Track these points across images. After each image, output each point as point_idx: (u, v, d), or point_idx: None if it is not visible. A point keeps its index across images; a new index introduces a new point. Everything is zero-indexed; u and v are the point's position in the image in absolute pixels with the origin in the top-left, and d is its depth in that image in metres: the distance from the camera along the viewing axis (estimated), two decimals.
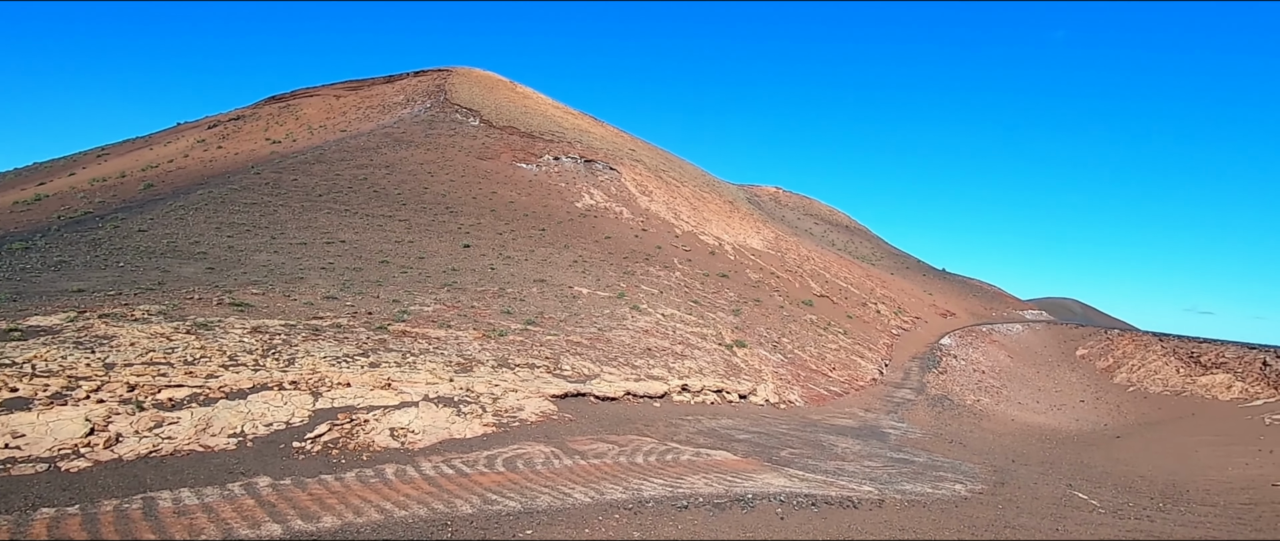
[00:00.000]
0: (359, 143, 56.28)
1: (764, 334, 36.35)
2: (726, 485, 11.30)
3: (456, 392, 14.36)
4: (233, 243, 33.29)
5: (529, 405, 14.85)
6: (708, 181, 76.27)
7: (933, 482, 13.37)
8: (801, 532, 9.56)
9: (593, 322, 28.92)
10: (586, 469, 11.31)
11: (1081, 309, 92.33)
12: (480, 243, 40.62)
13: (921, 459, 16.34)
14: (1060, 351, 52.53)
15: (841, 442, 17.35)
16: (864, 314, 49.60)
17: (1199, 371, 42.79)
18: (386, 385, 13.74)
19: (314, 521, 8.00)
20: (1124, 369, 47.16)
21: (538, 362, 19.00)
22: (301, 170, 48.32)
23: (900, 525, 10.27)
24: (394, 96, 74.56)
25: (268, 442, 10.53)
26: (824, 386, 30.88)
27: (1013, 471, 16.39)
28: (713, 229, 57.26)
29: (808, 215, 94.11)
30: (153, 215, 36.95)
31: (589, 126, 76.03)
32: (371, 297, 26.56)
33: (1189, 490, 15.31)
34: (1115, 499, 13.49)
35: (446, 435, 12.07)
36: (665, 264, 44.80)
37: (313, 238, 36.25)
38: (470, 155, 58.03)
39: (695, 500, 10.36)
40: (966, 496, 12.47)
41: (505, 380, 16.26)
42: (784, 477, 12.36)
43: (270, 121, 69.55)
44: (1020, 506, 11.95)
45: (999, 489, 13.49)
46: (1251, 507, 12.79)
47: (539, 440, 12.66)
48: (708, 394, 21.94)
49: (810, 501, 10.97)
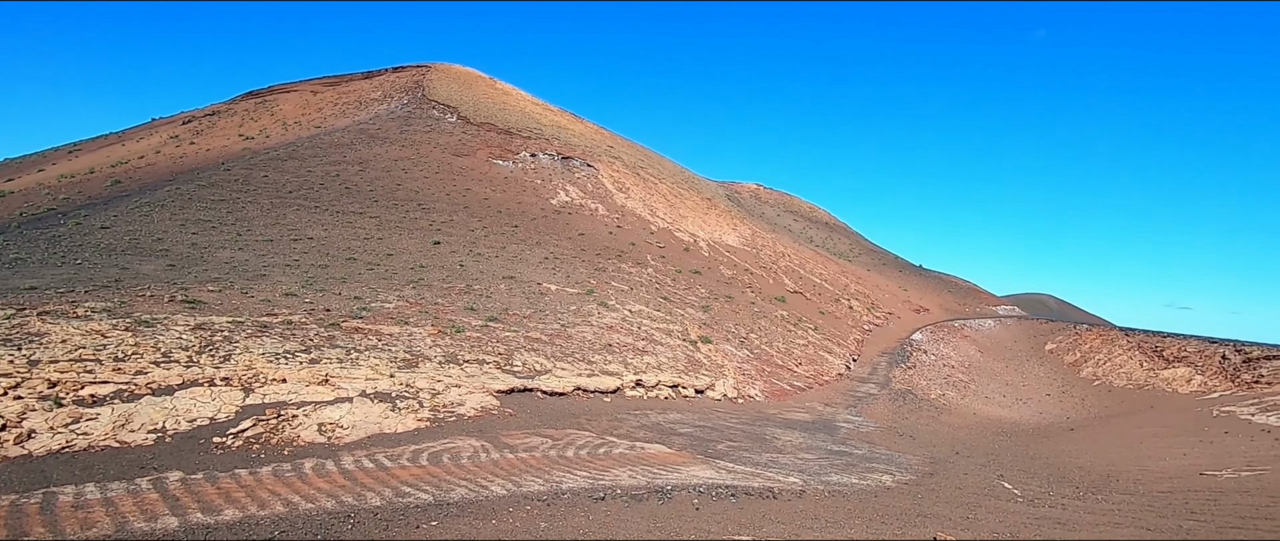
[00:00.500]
0: (333, 139, 55.95)
1: (732, 330, 36.58)
2: (650, 477, 11.47)
3: (396, 388, 14.43)
4: (197, 240, 33.08)
5: (470, 400, 14.94)
6: (687, 178, 76.44)
7: (862, 474, 13.60)
8: (713, 522, 9.73)
9: (557, 319, 29.02)
10: (512, 462, 11.44)
11: (1057, 304, 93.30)
12: (451, 239, 40.57)
13: (862, 451, 16.60)
14: (1030, 346, 53.18)
15: (786, 436, 17.57)
16: (836, 310, 49.98)
17: (1161, 365, 43.48)
18: (324, 381, 13.79)
19: (214, 514, 8.08)
20: (1090, 363, 47.84)
21: (489, 358, 19.08)
22: (273, 167, 48.02)
23: (814, 514, 10.47)
24: (371, 93, 74.16)
25: (188, 438, 10.58)
26: (788, 381, 31.16)
27: (951, 463, 16.67)
28: (688, 226, 57.44)
29: (788, 212, 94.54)
30: (116, 212, 36.63)
31: (568, 123, 75.96)
32: (333, 295, 26.51)
33: (1119, 479, 15.65)
34: (1040, 489, 13.78)
35: (377, 430, 12.15)
36: (638, 260, 44.93)
37: (280, 234, 36.08)
38: (446, 152, 57.86)
39: (614, 492, 10.51)
40: (891, 487, 12.71)
41: (450, 376, 16.35)
42: (712, 470, 12.55)
43: (245, 117, 68.98)
44: (940, 496, 12.20)
45: (927, 479, 13.75)
46: (1169, 495, 13.11)
47: (472, 435, 12.77)
48: (663, 389, 22.10)
49: (731, 492, 11.15)
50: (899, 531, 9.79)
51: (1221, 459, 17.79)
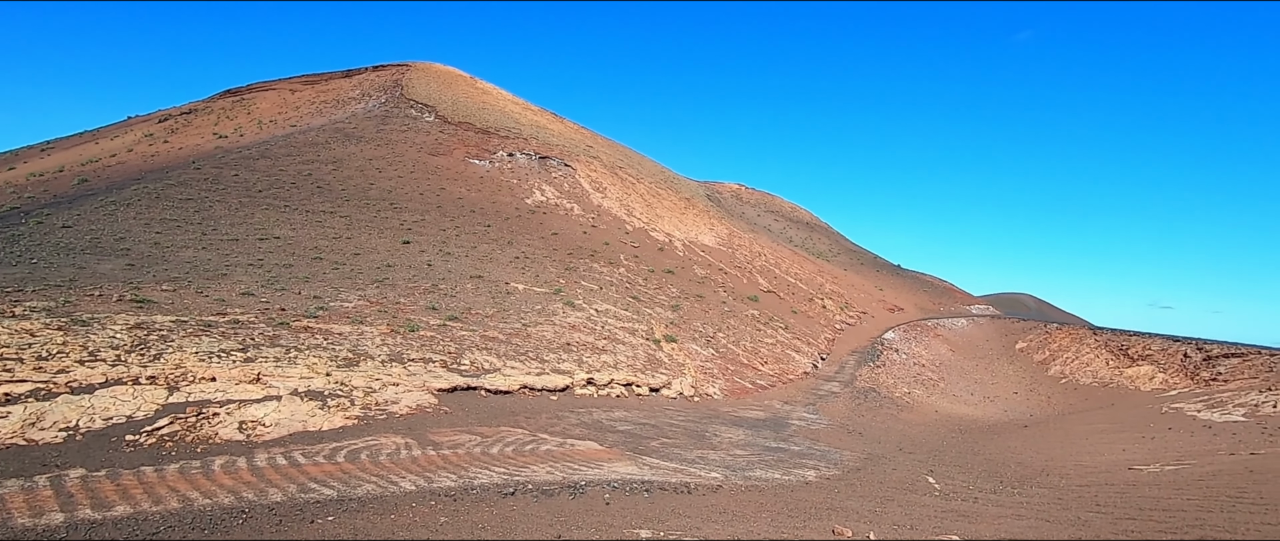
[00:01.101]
0: (307, 138, 55.73)
1: (700, 329, 36.78)
2: (568, 473, 11.61)
3: (330, 386, 14.50)
4: (160, 239, 32.91)
5: (406, 399, 15.03)
6: (667, 178, 76.63)
7: (788, 470, 13.80)
8: (619, 516, 9.88)
9: (519, 318, 29.10)
10: (432, 459, 11.55)
11: (1035, 304, 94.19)
12: (421, 239, 40.54)
13: (799, 448, 16.80)
14: (1001, 345, 53.73)
15: (728, 433, 17.76)
16: (810, 309, 50.29)
17: (1126, 363, 44.05)
18: (255, 379, 13.84)
19: (105, 511, 8.15)
20: (1058, 361, 48.39)
21: (436, 357, 19.16)
22: (243, 165, 47.80)
23: (723, 508, 10.65)
24: (350, 91, 73.88)
25: (100, 436, 10.62)
26: (751, 380, 31.38)
27: (887, 459, 16.90)
28: (664, 225, 57.62)
29: (769, 212, 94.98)
30: (80, 211, 36.38)
31: (548, 123, 75.97)
32: (292, 294, 26.46)
33: (1050, 474, 15.93)
34: (964, 483, 14.02)
35: (301, 428, 12.22)
36: (610, 260, 45.06)
37: (246, 234, 35.94)
38: (422, 151, 57.76)
39: (525, 487, 10.64)
40: (812, 482, 12.91)
41: (391, 374, 16.42)
42: (636, 466, 12.70)
43: (221, 116, 68.57)
44: (858, 491, 12.41)
45: (853, 474, 13.97)
46: (1085, 488, 13.38)
47: (399, 433, 12.86)
48: (616, 387, 22.23)
49: (645, 487, 11.31)
50: (801, 525, 9.97)
51: (1155, 454, 18.12)
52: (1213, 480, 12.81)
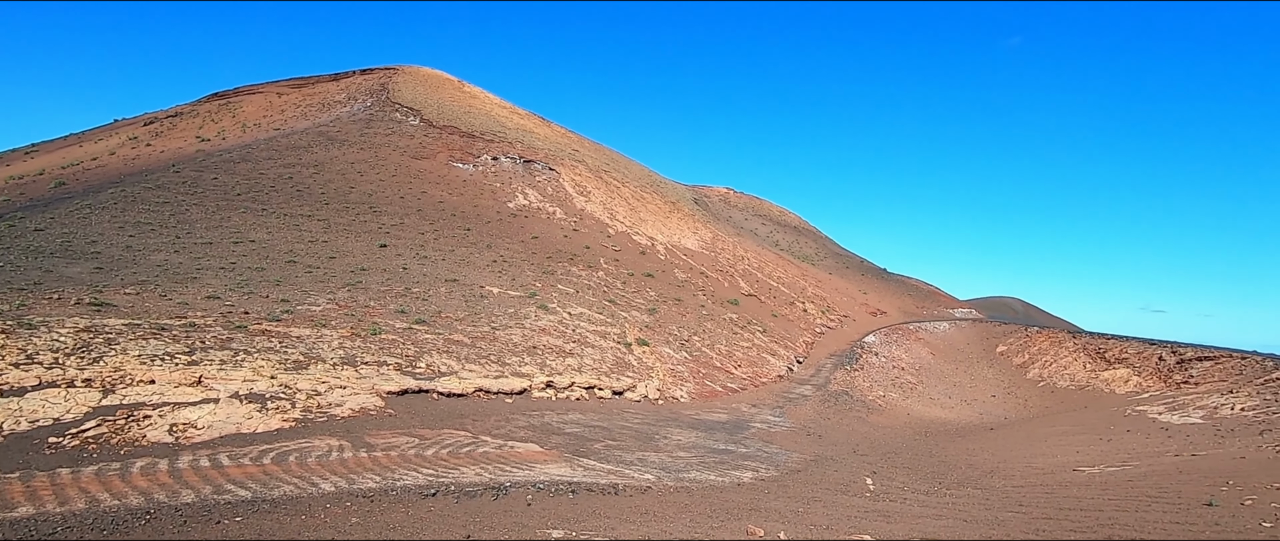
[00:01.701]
0: (290, 141, 55.74)
1: (675, 332, 36.85)
2: (496, 475, 11.67)
3: (274, 389, 14.54)
4: (133, 242, 32.90)
5: (351, 401, 15.08)
6: (653, 182, 76.76)
7: (725, 471, 13.88)
8: (536, 517, 9.95)
9: (489, 322, 29.14)
10: (361, 461, 11.61)
11: (1023, 307, 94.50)
12: (398, 242, 40.57)
13: (747, 450, 16.88)
14: (982, 348, 53.91)
15: (679, 436, 17.83)
16: (790, 312, 50.40)
17: (1103, 366, 44.24)
18: (196, 382, 13.88)
19: (8, 511, 8.20)
20: (1037, 365, 48.56)
21: (392, 360, 19.20)
22: (224, 169, 47.79)
23: (645, 509, 10.73)
24: (336, 95, 73.92)
25: (23, 438, 10.66)
26: (722, 383, 31.46)
27: (836, 460, 16.99)
28: (648, 229, 57.71)
29: (756, 216, 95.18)
30: (55, 214, 36.37)
31: (534, 127, 76.09)
32: (259, 297, 26.47)
33: (993, 475, 16.04)
34: (902, 484, 14.11)
35: (235, 430, 12.27)
36: (590, 264, 45.14)
37: (221, 237, 35.94)
38: (405, 155, 57.81)
39: (448, 489, 10.71)
40: (745, 483, 13.00)
41: (341, 377, 16.46)
42: (570, 467, 12.77)
43: (207, 119, 68.54)
44: (788, 492, 12.50)
45: (791, 476, 14.05)
46: (1018, 489, 13.49)
47: (336, 435, 12.91)
48: (577, 390, 22.29)
49: (572, 488, 11.38)
50: (717, 525, 10.06)
51: (1105, 456, 18.24)
52: (1142, 481, 12.93)
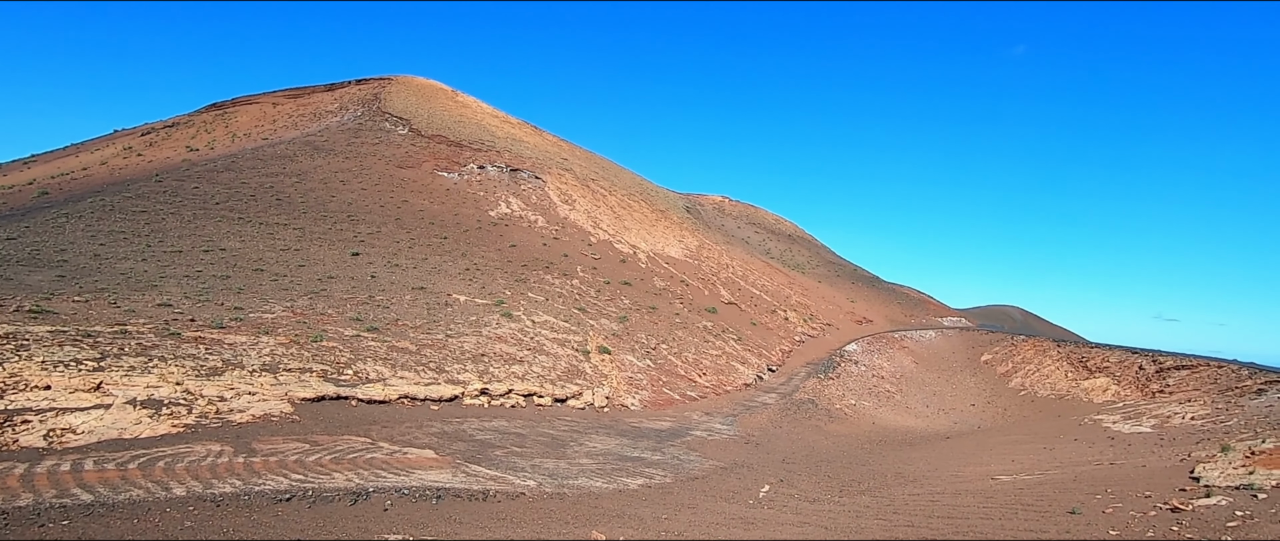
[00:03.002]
0: (276, 150, 56.32)
1: (642, 341, 36.75)
2: (367, 480, 11.65)
3: (176, 395, 14.63)
4: (102, 250, 33.30)
5: (256, 407, 15.13)
6: (643, 190, 76.83)
7: (617, 478, 13.77)
8: (384, 521, 9.96)
9: (446, 329, 29.19)
10: (234, 467, 11.63)
11: (1022, 316, 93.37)
12: (371, 251, 40.81)
13: (661, 457, 16.76)
14: (967, 357, 53.34)
15: (599, 443, 17.73)
16: (770, 321, 50.13)
17: (1084, 375, 43.63)
18: (96, 388, 13.99)
19: None
20: (1020, 374, 47.97)
21: (318, 367, 19.27)
22: (206, 178, 48.35)
23: (503, 514, 10.69)
24: (329, 105, 74.66)
25: None
26: (681, 391, 31.30)
27: (751, 467, 16.83)
28: (631, 237, 57.70)
29: (750, 224, 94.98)
30: (30, 223, 36.93)
31: (525, 135, 76.43)
32: (214, 305, 26.64)
33: (912, 483, 15.83)
34: (799, 491, 13.95)
35: (117, 435, 12.35)
36: (566, 272, 45.16)
37: (192, 246, 36.30)
38: (390, 164, 58.24)
39: (308, 493, 10.69)
40: (630, 489, 12.90)
41: (256, 384, 16.53)
42: (453, 474, 12.73)
43: (201, 129, 69.43)
44: (669, 498, 12.39)
45: (686, 483, 13.94)
46: (917, 496, 13.30)
47: (223, 441, 12.95)
48: (515, 397, 22.26)
49: (439, 494, 11.34)
50: (562, 529, 10.00)
51: (1037, 464, 17.96)
52: (1035, 488, 12.71)
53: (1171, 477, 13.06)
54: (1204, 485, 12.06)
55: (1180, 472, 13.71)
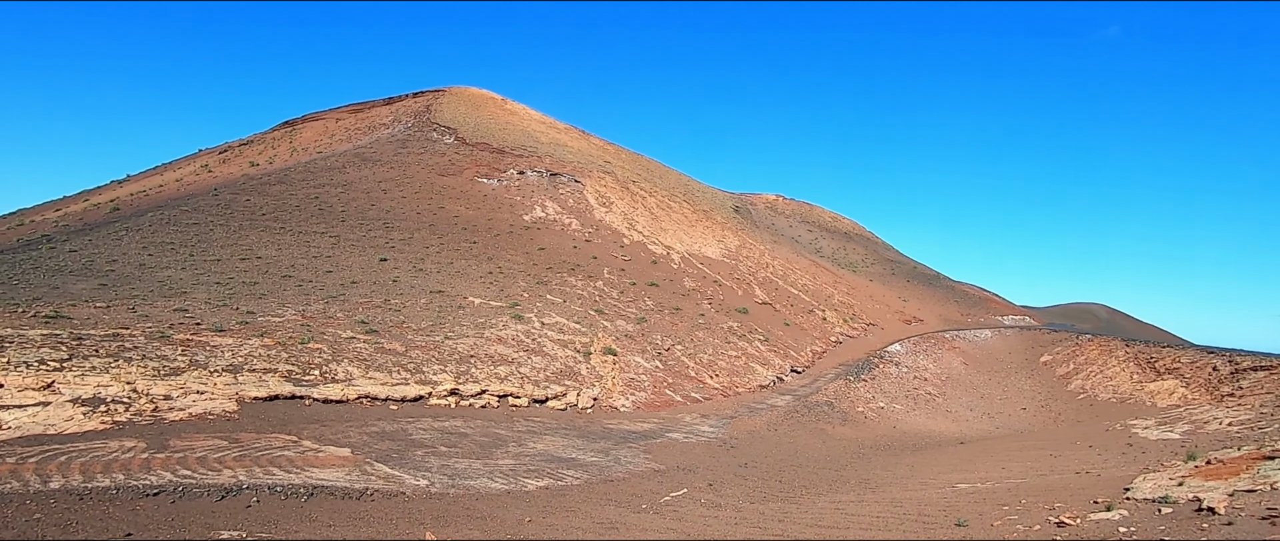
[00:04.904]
0: (327, 162, 59.13)
1: (657, 342, 36.16)
2: (253, 477, 11.78)
3: (123, 394, 15.35)
4: (148, 260, 35.79)
5: (198, 407, 15.68)
6: (688, 191, 76.05)
7: (520, 479, 13.39)
8: (236, 517, 10.00)
9: (447, 331, 29.62)
10: (132, 463, 12.01)
11: (1108, 314, 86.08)
12: (400, 256, 42.06)
13: (597, 459, 16.28)
14: (1024, 358, 49.71)
15: (541, 444, 17.44)
16: (805, 321, 48.42)
17: (1151, 377, 39.90)
18: (47, 386, 14.87)
19: None
20: (1081, 375, 44.35)
21: (284, 368, 19.85)
22: (259, 191, 51.24)
23: (356, 512, 10.57)
24: (384, 117, 77.79)
25: None
26: (686, 393, 30.53)
27: (691, 471, 16.12)
28: (666, 238, 57.14)
29: (803, 222, 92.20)
30: (92, 237, 40.18)
31: (570, 140, 77.19)
32: (229, 310, 28.04)
33: (870, 489, 14.74)
34: (725, 497, 13.18)
35: (41, 430, 13.04)
36: (591, 273, 45.12)
37: (230, 254, 38.48)
38: (433, 172, 60.03)
39: (181, 489, 10.90)
40: (527, 491, 12.55)
41: (210, 384, 17.16)
42: (350, 472, 12.72)
43: (268, 145, 73.79)
44: (562, 500, 11.97)
45: (595, 485, 13.44)
46: (835, 503, 12.27)
47: (144, 438, 13.44)
48: (487, 398, 22.28)
49: (313, 492, 11.32)
50: (409, 529, 9.72)
51: (1022, 473, 16.42)
52: (967, 496, 11.51)
53: (1113, 488, 11.50)
54: (1127, 497, 10.50)
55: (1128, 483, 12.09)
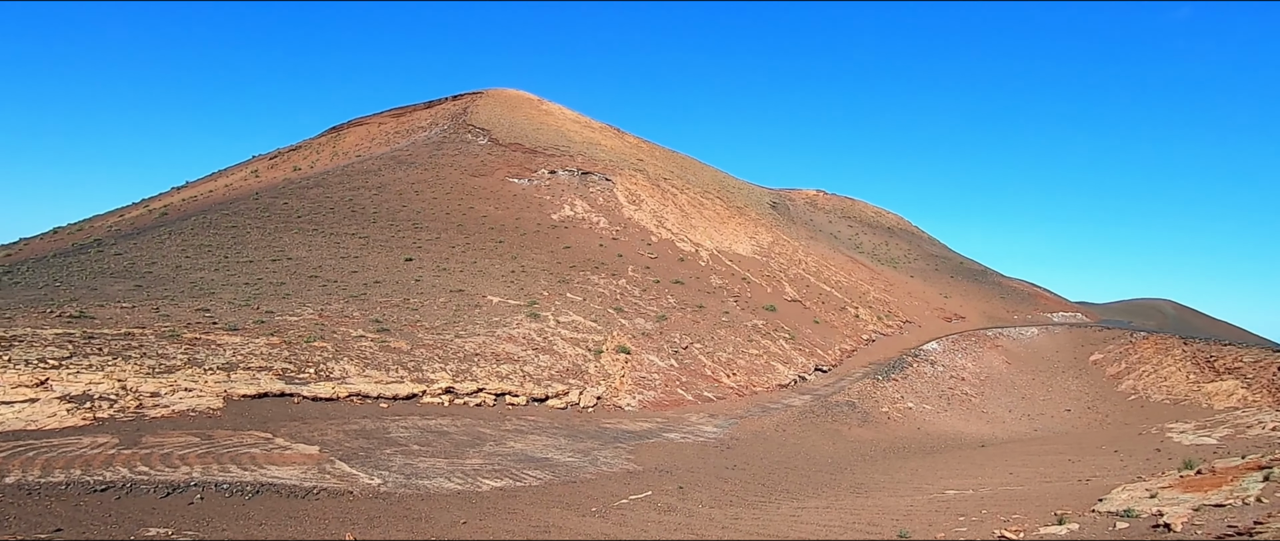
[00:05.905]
0: (364, 166, 60.58)
1: (675, 340, 35.61)
2: (208, 474, 11.88)
3: (112, 391, 15.80)
4: (183, 262, 37.21)
5: (183, 404, 16.03)
6: (722, 187, 75.03)
7: (478, 479, 13.14)
8: (171, 516, 10.05)
9: (460, 330, 29.79)
10: (95, 459, 12.27)
11: (1175, 311, 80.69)
12: (425, 256, 42.64)
13: (574, 460, 15.92)
14: (1073, 356, 47.01)
15: (522, 443, 17.21)
16: (837, 319, 47.03)
17: (1209, 377, 37.23)
18: (41, 383, 15.42)
19: None
20: (1133, 375, 41.71)
21: (279, 366, 20.19)
22: (297, 194, 52.84)
23: (293, 510, 10.51)
24: (423, 120, 79.33)
25: None
26: (698, 391, 29.90)
27: (668, 472, 15.62)
28: (696, 236, 56.43)
29: (843, 218, 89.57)
30: (137, 241, 42.11)
31: (604, 139, 77.14)
32: (249, 309, 28.85)
33: (861, 495, 13.99)
34: (693, 500, 12.64)
35: (22, 426, 13.48)
36: (614, 271, 44.84)
37: (263, 255, 39.70)
38: (465, 173, 60.79)
39: (129, 485, 11.05)
40: (480, 492, 12.33)
41: (201, 382, 17.55)
42: (307, 470, 12.72)
43: (314, 151, 76.14)
44: (512, 501, 11.70)
45: (554, 486, 13.10)
46: (805, 509, 11.59)
47: (119, 434, 13.75)
48: (484, 396, 22.22)
49: (258, 489, 11.34)
50: (329, 530, 9.58)
51: (1022, 479, 15.34)
52: (943, 503, 10.64)
53: (1089, 499, 10.44)
54: (1093, 509, 9.47)
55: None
